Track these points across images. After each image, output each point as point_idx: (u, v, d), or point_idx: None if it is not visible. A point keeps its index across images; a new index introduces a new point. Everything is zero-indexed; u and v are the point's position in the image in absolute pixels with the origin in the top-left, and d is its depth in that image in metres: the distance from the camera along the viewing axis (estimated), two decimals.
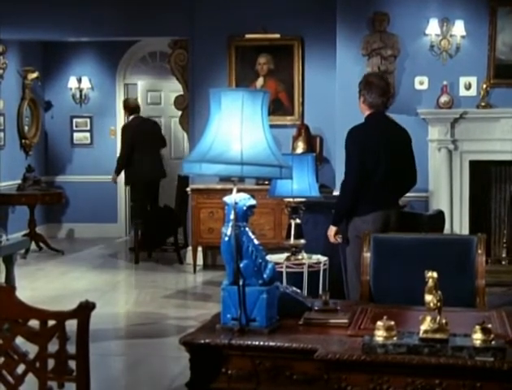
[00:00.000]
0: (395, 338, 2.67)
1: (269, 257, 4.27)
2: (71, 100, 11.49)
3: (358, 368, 2.67)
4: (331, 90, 8.32)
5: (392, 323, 2.69)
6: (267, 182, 7.60)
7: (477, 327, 2.64)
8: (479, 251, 3.67)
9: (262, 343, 2.82)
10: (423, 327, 2.67)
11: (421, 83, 7.96)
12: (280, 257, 5.33)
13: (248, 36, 8.89)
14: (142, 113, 10.56)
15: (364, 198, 5.19)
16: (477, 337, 2.62)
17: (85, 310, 2.44)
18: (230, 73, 8.99)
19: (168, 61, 9.71)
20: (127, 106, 10.31)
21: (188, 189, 8.99)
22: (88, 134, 11.59)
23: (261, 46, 8.94)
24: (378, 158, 5.20)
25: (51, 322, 2.46)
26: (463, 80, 7.89)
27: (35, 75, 10.89)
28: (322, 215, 6.07)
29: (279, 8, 8.81)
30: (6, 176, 10.11)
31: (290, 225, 5.38)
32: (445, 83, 7.83)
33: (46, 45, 11.28)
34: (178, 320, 6.71)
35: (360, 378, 2.69)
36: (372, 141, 5.24)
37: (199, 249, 8.98)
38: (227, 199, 2.98)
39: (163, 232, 9.79)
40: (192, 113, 9.21)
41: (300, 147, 8.57)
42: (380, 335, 2.67)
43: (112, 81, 11.60)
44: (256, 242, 2.96)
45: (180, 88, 9.67)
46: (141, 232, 9.66)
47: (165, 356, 5.65)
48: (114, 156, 11.41)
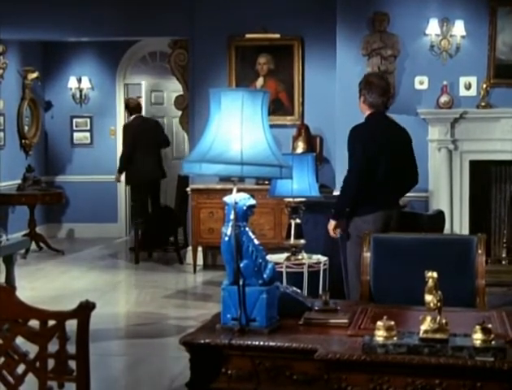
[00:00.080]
0: (395, 338, 2.67)
1: (269, 257, 4.27)
2: (71, 100, 11.49)
3: (358, 368, 2.67)
4: (331, 90, 8.32)
5: (392, 323, 2.69)
6: (267, 182, 7.60)
7: (477, 327, 2.64)
8: (479, 251, 3.67)
9: (262, 343, 2.82)
10: (423, 327, 2.67)
11: (421, 83, 7.96)
12: (280, 257, 5.33)
13: (248, 36, 8.89)
14: (146, 113, 10.55)
15: (365, 198, 5.20)
16: (477, 337, 2.62)
17: (85, 310, 2.44)
18: (230, 73, 8.99)
19: (168, 61, 9.71)
20: (128, 106, 10.30)
21: (188, 189, 8.99)
22: (88, 134, 11.59)
23: (261, 46, 8.94)
24: (378, 158, 5.21)
25: (51, 322, 2.46)
26: (463, 80, 7.89)
27: (35, 75, 10.89)
28: (322, 215, 6.06)
29: (279, 8, 8.81)
30: (6, 176, 10.11)
31: (290, 225, 5.38)
32: (445, 83, 7.83)
33: (46, 45, 11.27)
34: (178, 320, 6.71)
35: (360, 378, 2.69)
36: (373, 141, 5.24)
37: (199, 249, 8.98)
38: (227, 199, 2.98)
39: (163, 232, 9.79)
40: (192, 113, 9.21)
41: (300, 147, 8.57)
42: (380, 335, 2.67)
43: (112, 81, 11.59)
44: (256, 242, 2.96)
45: (181, 88, 9.68)
46: (141, 232, 9.66)
47: (165, 356, 5.65)
48: (114, 156, 11.43)
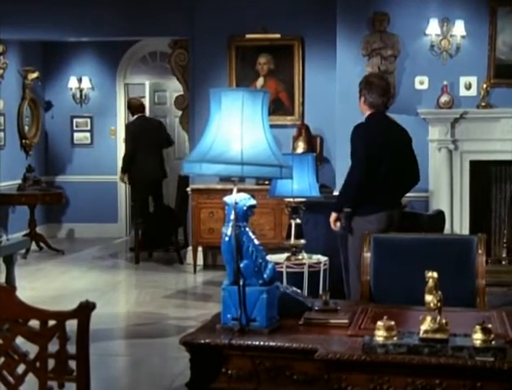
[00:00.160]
0: (395, 338, 2.67)
1: (269, 257, 4.27)
2: (71, 100, 11.49)
3: (359, 368, 2.67)
4: (331, 90, 8.32)
5: (392, 323, 2.69)
6: (267, 182, 7.60)
7: (477, 327, 2.64)
8: (480, 251, 3.67)
9: (262, 343, 2.82)
10: (424, 327, 2.67)
11: (421, 83, 7.96)
12: (281, 257, 5.33)
13: (248, 36, 8.89)
14: (149, 112, 10.55)
15: (367, 198, 5.19)
16: (477, 337, 2.62)
17: (85, 310, 2.44)
18: (230, 73, 8.99)
19: (168, 61, 9.70)
20: (130, 106, 10.30)
21: (188, 189, 8.99)
22: (88, 134, 11.58)
23: (261, 46, 8.94)
24: (379, 158, 5.21)
25: (51, 322, 2.46)
26: (463, 80, 7.89)
27: (35, 75, 10.89)
28: (322, 215, 6.06)
29: (279, 8, 8.81)
30: (6, 176, 10.11)
31: (290, 225, 5.38)
32: (445, 83, 7.83)
33: (46, 45, 11.27)
34: (178, 320, 6.71)
35: (360, 378, 2.69)
36: (373, 141, 5.25)
37: (199, 249, 8.98)
38: (227, 199, 2.98)
39: (164, 232, 9.79)
40: (192, 113, 9.21)
41: (300, 147, 8.57)
42: (380, 335, 2.67)
43: (112, 81, 11.59)
44: (256, 242, 2.96)
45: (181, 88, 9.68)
46: (142, 232, 9.66)
47: (165, 356, 5.65)
48: (114, 156, 11.45)
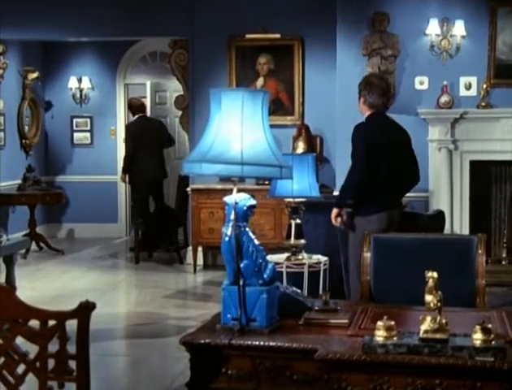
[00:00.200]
0: (395, 338, 2.67)
1: (269, 257, 4.27)
2: (71, 100, 11.49)
3: (359, 368, 2.67)
4: (331, 90, 8.32)
5: (392, 323, 2.69)
6: (268, 182, 7.60)
7: (477, 327, 2.63)
8: (480, 251, 3.67)
9: (262, 343, 2.82)
10: (424, 327, 2.67)
11: (421, 83, 7.96)
12: (281, 257, 5.34)
13: (248, 36, 8.89)
14: (151, 112, 10.54)
15: (368, 199, 5.19)
16: (477, 337, 2.62)
17: (85, 310, 2.44)
18: (230, 73, 8.99)
19: (168, 61, 9.70)
20: (131, 106, 10.29)
21: (188, 189, 8.99)
22: (88, 134, 11.58)
23: (261, 46, 8.94)
24: (379, 158, 5.21)
25: (51, 322, 2.46)
26: (463, 80, 7.89)
27: (35, 75, 10.89)
28: (322, 215, 6.06)
29: (279, 8, 8.81)
30: (6, 176, 10.11)
31: (290, 225, 5.39)
32: (445, 83, 7.83)
33: (46, 45, 11.27)
34: (178, 320, 6.71)
35: (360, 378, 2.69)
36: (373, 141, 5.25)
37: (199, 249, 8.98)
38: (227, 199, 2.98)
39: (164, 232, 9.79)
40: (192, 113, 9.21)
41: (300, 147, 8.57)
42: (380, 335, 2.67)
43: (112, 81, 11.59)
44: (256, 242, 2.96)
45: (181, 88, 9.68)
46: (142, 232, 9.66)
47: (165, 356, 5.65)
48: (114, 156, 11.45)
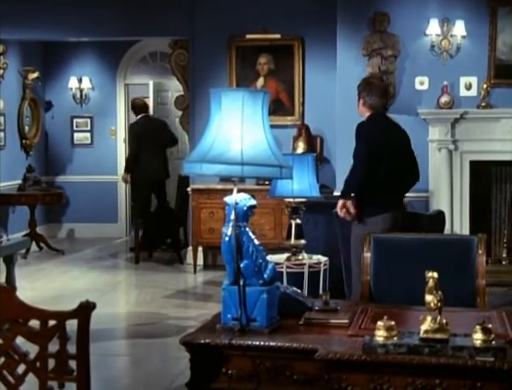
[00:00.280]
0: (395, 338, 2.67)
1: (269, 257, 4.27)
2: (71, 100, 11.49)
3: (359, 368, 2.67)
4: (331, 90, 8.32)
5: (392, 323, 2.69)
6: (268, 182, 7.59)
7: (477, 327, 2.63)
8: (480, 251, 3.67)
9: (262, 343, 2.82)
10: (424, 327, 2.67)
11: (421, 83, 7.96)
12: (281, 257, 5.34)
13: (248, 36, 8.89)
14: (154, 112, 10.53)
15: (371, 199, 5.17)
16: (477, 337, 2.62)
17: (86, 310, 2.44)
18: (230, 73, 8.99)
19: (169, 61, 9.70)
20: (134, 106, 10.29)
21: (188, 189, 8.99)
22: (88, 134, 11.58)
23: (261, 46, 8.94)
24: (380, 159, 5.21)
25: (52, 322, 2.46)
26: (464, 80, 7.89)
27: (35, 75, 10.89)
28: (322, 215, 6.07)
29: (279, 8, 8.81)
30: (6, 176, 10.11)
31: (290, 225, 5.39)
32: (446, 83, 7.83)
33: (47, 45, 11.27)
34: (178, 320, 6.71)
35: (360, 378, 2.69)
36: (374, 142, 5.25)
37: (199, 249, 8.98)
38: (227, 199, 2.98)
39: (164, 232, 9.79)
40: (192, 113, 9.21)
41: (300, 147, 8.57)
42: (381, 335, 2.67)
43: (113, 81, 11.59)
44: (256, 242, 2.96)
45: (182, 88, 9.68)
46: (142, 232, 9.66)
47: (165, 356, 5.66)
48: (114, 156, 11.46)
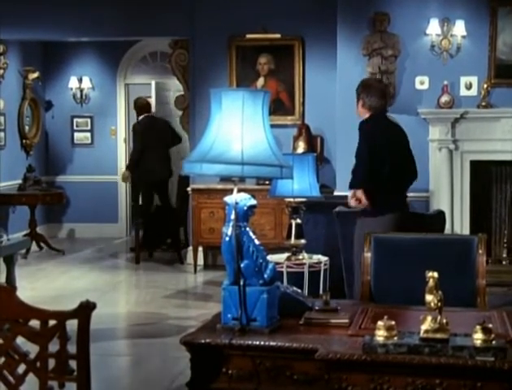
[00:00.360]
0: (395, 338, 2.67)
1: (270, 257, 4.27)
2: (71, 100, 11.49)
3: (359, 368, 2.67)
4: (331, 90, 8.32)
5: (392, 323, 2.69)
6: (268, 182, 7.60)
7: (478, 327, 2.63)
8: (480, 251, 3.67)
9: (262, 343, 2.82)
10: (424, 327, 2.67)
11: (421, 83, 7.95)
12: (281, 257, 5.33)
13: (248, 36, 8.89)
14: (157, 112, 10.52)
15: (375, 200, 5.16)
16: (478, 337, 2.62)
17: (86, 310, 2.44)
18: (231, 73, 8.99)
19: (169, 61, 9.70)
20: (137, 106, 10.27)
21: (188, 189, 8.99)
22: (88, 134, 11.58)
23: (261, 46, 8.94)
24: (381, 159, 5.20)
25: (52, 322, 2.46)
26: (464, 80, 7.88)
27: (35, 75, 10.89)
28: (322, 215, 6.07)
29: (279, 8, 8.81)
30: (6, 176, 10.11)
31: (291, 225, 5.38)
32: (446, 83, 7.82)
33: (47, 45, 11.27)
34: (178, 320, 6.71)
35: (360, 378, 2.69)
36: (374, 142, 5.25)
37: (200, 249, 8.98)
38: (227, 199, 2.98)
39: (164, 232, 9.79)
40: (192, 113, 9.21)
41: (301, 147, 8.57)
42: (381, 334, 2.67)
43: (113, 81, 11.59)
44: (257, 242, 2.96)
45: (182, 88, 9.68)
46: (143, 232, 9.67)
47: (165, 356, 5.65)
48: (114, 156, 11.46)
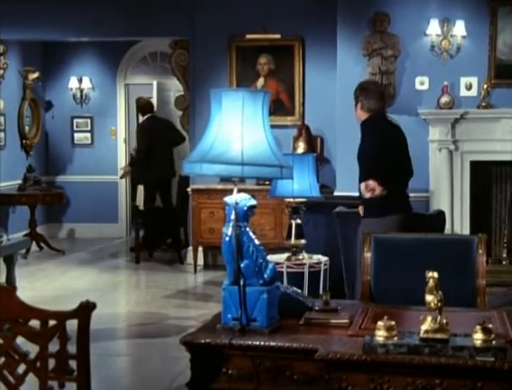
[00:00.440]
0: (395, 338, 2.67)
1: (270, 257, 4.27)
2: (71, 100, 11.50)
3: (359, 368, 2.67)
4: (331, 90, 8.31)
5: (392, 323, 2.69)
6: (268, 182, 7.59)
7: (478, 327, 2.64)
8: (480, 251, 3.67)
9: (262, 343, 2.82)
10: (424, 327, 2.67)
11: (421, 83, 7.95)
12: (281, 257, 5.34)
13: (248, 36, 8.89)
14: (159, 112, 10.53)
15: (378, 200, 5.16)
16: (478, 337, 2.62)
17: (86, 310, 2.44)
18: (231, 73, 8.99)
19: (169, 61, 9.71)
20: (140, 106, 10.25)
21: (188, 189, 8.99)
22: (88, 134, 11.59)
23: (261, 46, 8.94)
24: (381, 159, 5.21)
25: (52, 322, 2.46)
26: (464, 81, 7.88)
27: (35, 75, 10.89)
28: (322, 215, 6.08)
29: (279, 8, 8.81)
30: (6, 176, 10.11)
31: (291, 225, 5.38)
32: (446, 83, 7.82)
33: (47, 45, 11.27)
34: (178, 320, 6.71)
35: (360, 378, 2.69)
36: (375, 141, 5.25)
37: (200, 249, 8.98)
38: (227, 199, 2.98)
39: (164, 232, 9.79)
40: (192, 113, 9.21)
41: (301, 147, 8.57)
42: (381, 335, 2.67)
43: (113, 81, 11.59)
44: (257, 242, 2.96)
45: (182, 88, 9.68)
46: (144, 232, 9.67)
47: (165, 356, 5.65)
48: (114, 156, 11.46)
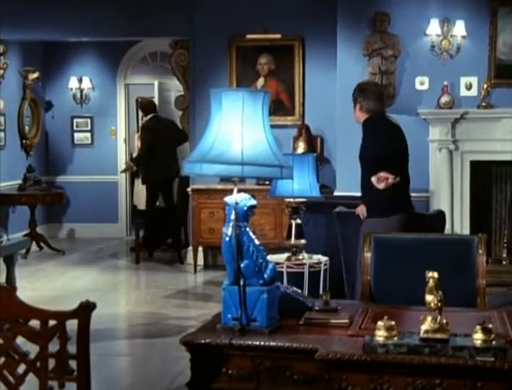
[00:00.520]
0: (395, 338, 2.67)
1: (270, 257, 4.27)
2: (71, 100, 11.49)
3: (359, 368, 2.67)
4: (331, 90, 8.31)
5: (392, 323, 2.69)
6: (268, 182, 7.60)
7: (478, 327, 2.64)
8: (480, 251, 3.67)
9: (262, 343, 2.82)
10: (424, 327, 2.67)
11: (422, 83, 7.95)
12: (281, 257, 5.34)
13: (248, 36, 8.90)
14: (160, 112, 10.55)
15: (381, 201, 5.16)
16: (478, 337, 2.62)
17: (86, 310, 2.44)
18: (231, 73, 8.99)
19: (169, 61, 9.71)
20: (142, 107, 10.26)
21: (188, 189, 8.99)
22: (88, 134, 11.59)
23: (261, 46, 8.94)
24: (382, 159, 5.20)
25: (52, 322, 2.46)
26: (464, 80, 7.88)
27: (35, 75, 10.89)
28: (322, 215, 6.08)
29: (279, 8, 8.81)
30: (6, 176, 10.11)
31: (291, 225, 5.38)
32: (446, 83, 7.82)
33: (47, 46, 11.27)
34: (178, 320, 6.71)
35: (360, 378, 2.69)
36: (374, 142, 5.25)
37: (200, 249, 8.98)
38: (227, 199, 2.98)
39: (164, 232, 9.79)
40: (192, 113, 9.21)
41: (301, 147, 8.57)
42: (381, 335, 2.67)
43: (113, 81, 11.60)
44: (257, 242, 2.96)
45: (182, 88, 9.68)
46: (144, 231, 9.67)
47: (165, 356, 5.65)
48: (114, 156, 11.46)
